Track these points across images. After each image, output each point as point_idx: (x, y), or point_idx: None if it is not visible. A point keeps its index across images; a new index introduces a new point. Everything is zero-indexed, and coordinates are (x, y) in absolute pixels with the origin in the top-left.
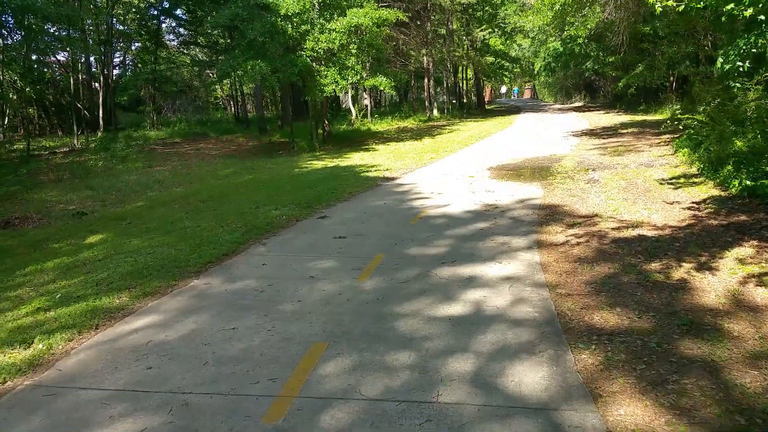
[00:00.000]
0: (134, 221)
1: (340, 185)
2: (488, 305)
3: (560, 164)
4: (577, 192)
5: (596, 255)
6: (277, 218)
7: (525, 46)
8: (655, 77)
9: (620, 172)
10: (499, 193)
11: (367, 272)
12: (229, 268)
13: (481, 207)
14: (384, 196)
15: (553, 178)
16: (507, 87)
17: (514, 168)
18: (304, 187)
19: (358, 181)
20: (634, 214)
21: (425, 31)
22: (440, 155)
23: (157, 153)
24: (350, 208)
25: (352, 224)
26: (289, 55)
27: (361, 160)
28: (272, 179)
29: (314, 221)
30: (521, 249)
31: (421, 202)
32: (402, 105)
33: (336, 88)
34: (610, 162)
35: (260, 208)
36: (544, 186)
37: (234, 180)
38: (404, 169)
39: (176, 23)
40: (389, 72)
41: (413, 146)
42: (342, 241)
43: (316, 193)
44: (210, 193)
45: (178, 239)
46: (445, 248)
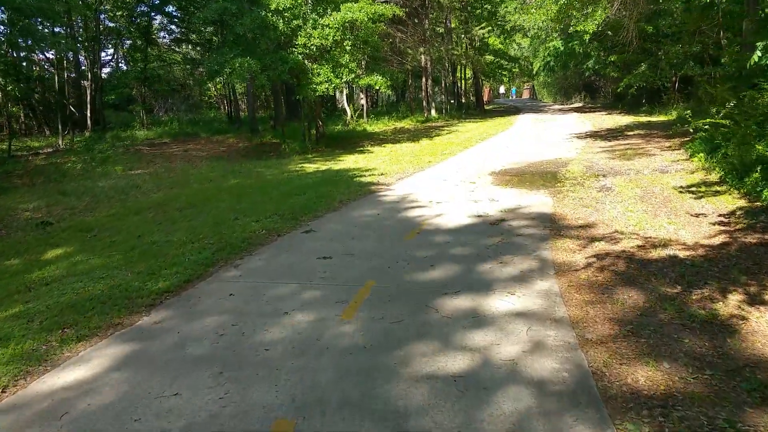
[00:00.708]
0: (101, 233)
1: (331, 192)
2: (502, 357)
3: (567, 169)
4: (590, 202)
5: (624, 283)
6: (256, 232)
7: (524, 46)
8: (658, 77)
9: (634, 179)
10: (504, 202)
11: (353, 307)
12: (189, 299)
13: (485, 219)
14: (378, 205)
15: (561, 185)
16: (505, 87)
17: (517, 173)
18: (291, 193)
19: (351, 187)
20: (658, 229)
21: (423, 29)
22: (439, 158)
23: (142, 154)
24: (340, 219)
25: (340, 240)
26: (280, 51)
27: (355, 164)
28: (259, 184)
29: (298, 236)
30: (535, 274)
31: (418, 212)
32: (399, 105)
33: (329, 87)
34: (620, 167)
35: (240, 220)
36: (553, 194)
37: (218, 185)
38: (400, 174)
39: (167, 20)
40: (385, 71)
41: (410, 148)
42: (327, 263)
43: (304, 202)
44: (190, 200)
45: (140, 257)
46: (446, 272)
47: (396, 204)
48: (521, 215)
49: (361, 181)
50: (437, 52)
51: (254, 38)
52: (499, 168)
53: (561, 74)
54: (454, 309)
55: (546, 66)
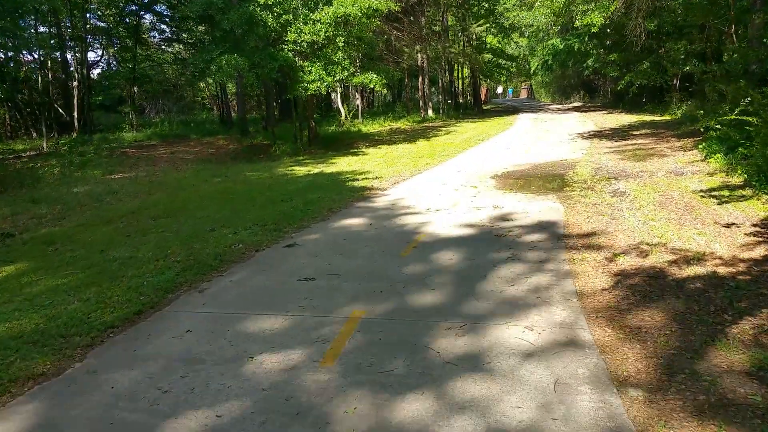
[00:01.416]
0: (63, 246)
1: (321, 198)
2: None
3: (575, 171)
4: (605, 209)
5: (663, 311)
6: (231, 247)
7: (522, 45)
8: (659, 76)
9: (649, 182)
10: (509, 208)
11: (335, 347)
12: (137, 338)
13: (491, 229)
14: (371, 213)
15: (570, 190)
16: (503, 87)
17: (522, 176)
18: (278, 199)
19: (342, 192)
20: (686, 241)
21: (419, 26)
22: (437, 160)
23: (126, 157)
24: (328, 231)
25: (326, 256)
26: (269, 48)
27: (349, 166)
28: (244, 189)
29: (279, 252)
30: (554, 300)
31: (415, 221)
32: (395, 105)
33: (321, 85)
34: (632, 169)
35: (216, 231)
36: (563, 200)
37: (201, 190)
38: (396, 177)
39: (157, 19)
40: (380, 69)
41: (407, 150)
42: (309, 287)
43: (290, 209)
44: (167, 208)
45: (96, 278)
46: (449, 298)
47: (391, 212)
48: (530, 225)
49: (353, 186)
50: (434, 50)
51: (242, 34)
52: (502, 170)
53: (559, 73)
54: (459, 352)
55: (544, 65)
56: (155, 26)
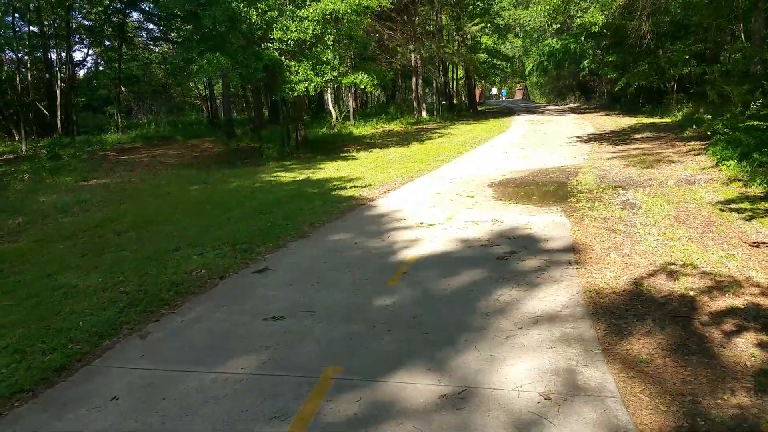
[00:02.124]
0: (11, 268)
1: (303, 210)
2: None
3: (578, 179)
4: (617, 223)
5: (707, 362)
6: (193, 273)
7: (517, 45)
8: (657, 77)
9: (660, 192)
10: (511, 223)
11: (299, 426)
12: (46, 409)
13: (491, 251)
14: (356, 228)
15: (575, 200)
16: (497, 88)
17: (521, 183)
18: (256, 211)
19: (327, 203)
20: (716, 265)
21: (413, 26)
22: (431, 166)
23: (105, 161)
24: (307, 251)
25: (301, 285)
26: (253, 47)
27: (337, 172)
28: (222, 198)
29: (247, 279)
30: (574, 353)
31: (406, 239)
32: (389, 106)
33: (309, 86)
34: (639, 177)
35: (181, 251)
36: (568, 212)
37: (175, 199)
38: (387, 185)
39: (144, 18)
40: (372, 69)
41: (399, 154)
42: (275, 329)
43: (267, 224)
44: (134, 220)
45: (27, 315)
46: (442, 348)
47: (379, 227)
48: (535, 244)
49: (340, 195)
50: (428, 50)
51: (225, 32)
52: (500, 177)
53: (554, 74)
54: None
55: (539, 66)
56: (142, 25)
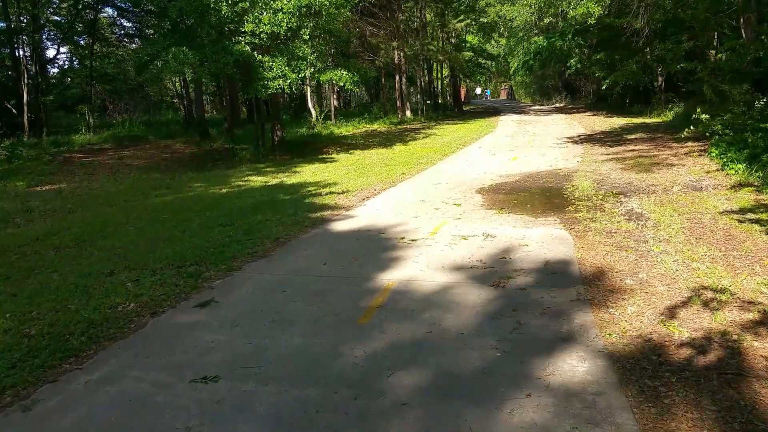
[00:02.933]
0: None
1: (270, 221)
2: None
3: (573, 184)
4: (626, 239)
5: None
6: (120, 307)
7: (502, 44)
8: (645, 76)
9: (665, 200)
10: (504, 238)
11: None
12: None
13: (482, 274)
14: (328, 245)
15: (573, 209)
16: (481, 88)
17: (512, 190)
18: (216, 222)
19: (298, 212)
20: (754, 293)
21: (396, 22)
22: (414, 169)
23: (67, 164)
24: (264, 276)
25: (250, 326)
26: (223, 41)
27: (313, 176)
28: (183, 206)
29: (185, 316)
30: None
31: (383, 258)
32: (372, 105)
33: (284, 83)
34: (640, 182)
35: (116, 275)
36: (568, 224)
37: (132, 207)
38: (366, 191)
39: (118, 14)
40: (353, 66)
41: (381, 156)
42: (204, 397)
43: (226, 238)
44: (79, 233)
45: None
46: (430, 426)
47: (354, 243)
48: (534, 265)
49: (313, 204)
50: (412, 48)
51: (194, 24)
52: (489, 183)
53: (540, 74)
54: None
55: (525, 64)
56: (116, 22)
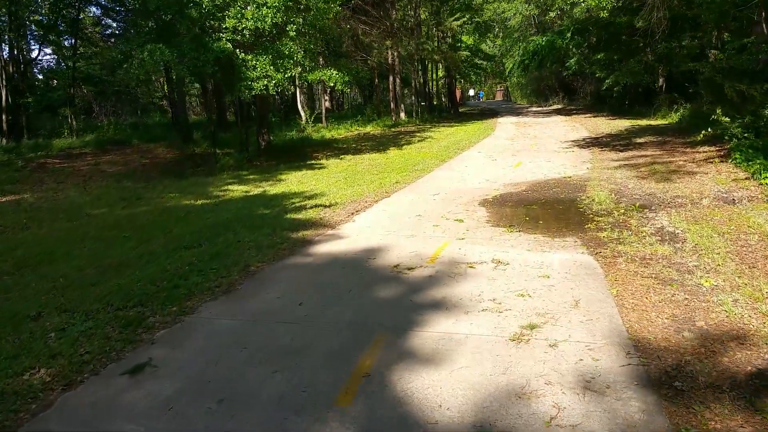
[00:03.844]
0: None
1: (242, 243)
2: None
3: (589, 195)
4: (664, 268)
5: None
6: (26, 375)
7: (498, 45)
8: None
9: (698, 216)
10: (519, 267)
11: None
12: None
13: (498, 320)
14: (307, 277)
15: (595, 227)
16: (475, 89)
17: (520, 201)
18: (180, 243)
19: (278, 231)
20: None
21: (390, 20)
22: (409, 177)
23: (40, 170)
24: (222, 323)
25: (188, 406)
26: (203, 37)
27: (299, 185)
28: (149, 221)
29: (106, 388)
30: None
31: (372, 299)
32: (366, 107)
33: (269, 83)
34: (662, 193)
35: (42, 319)
36: (592, 247)
37: (93, 222)
38: (356, 203)
39: (102, 13)
40: (344, 65)
41: (374, 162)
42: None
43: (185, 267)
44: (27, 254)
45: None
46: None
47: (338, 274)
48: (560, 307)
49: (295, 220)
50: (406, 47)
51: (173, 19)
52: (493, 193)
53: (536, 74)
54: None
55: (521, 65)
56: (101, 21)
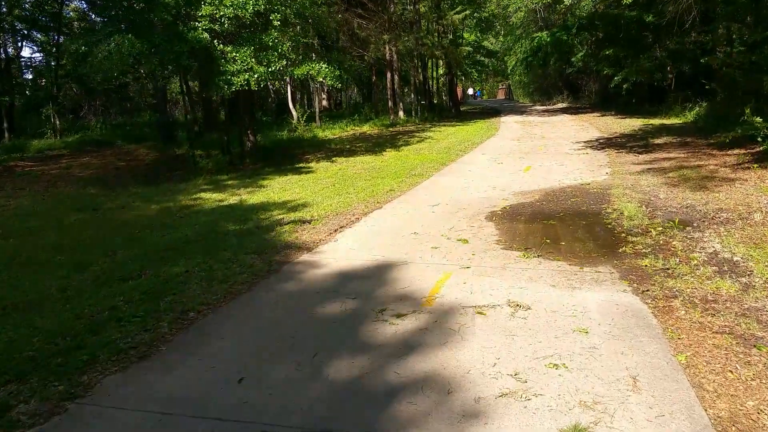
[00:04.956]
0: None
1: (193, 273)
2: None
3: (615, 207)
4: (738, 318)
5: None
6: None
7: (500, 41)
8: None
9: (755, 236)
10: (544, 314)
11: None
12: None
13: (526, 407)
14: (260, 328)
15: (631, 250)
16: (473, 88)
17: (534, 215)
18: (117, 273)
19: (239, 255)
20: None
21: (388, 13)
22: (405, 183)
23: (4, 175)
24: (117, 419)
25: None
26: (177, 26)
27: (281, 193)
28: (98, 238)
29: None
30: None
31: (345, 368)
32: (364, 106)
33: (250, 78)
34: (702, 204)
35: None
36: (634, 281)
37: (33, 239)
38: (341, 217)
39: (88, 6)
40: (336, 58)
41: (368, 165)
42: None
43: (105, 312)
44: None
45: None
46: None
47: (303, 322)
48: (611, 393)
49: (264, 240)
50: (405, 42)
51: (143, 9)
52: (502, 203)
53: (540, 72)
54: None
55: (524, 62)
56: (86, 16)
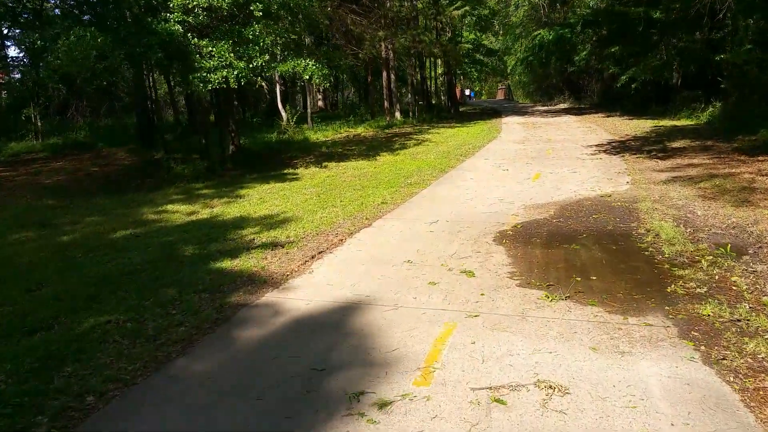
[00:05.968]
0: None
1: (116, 324)
2: None
3: (648, 227)
4: None
5: None
6: None
7: (499, 40)
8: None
9: None
10: (588, 403)
11: None
12: None
13: None
14: (199, 409)
15: (681, 291)
16: (469, 88)
17: (552, 236)
18: (26, 321)
19: (185, 294)
20: None
21: (384, 9)
22: (400, 194)
23: None
24: None
25: None
26: (146, 17)
27: (259, 205)
28: (23, 269)
29: None
30: None
31: None
32: (360, 107)
33: (229, 74)
34: (752, 224)
35: None
36: (701, 341)
37: None
38: (323, 238)
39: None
40: (324, 54)
41: (360, 171)
42: None
43: (13, 376)
44: None
45: None
46: None
47: (253, 403)
48: None
49: (224, 270)
50: (401, 40)
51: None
52: (512, 220)
53: (541, 72)
54: None
55: (524, 62)
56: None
